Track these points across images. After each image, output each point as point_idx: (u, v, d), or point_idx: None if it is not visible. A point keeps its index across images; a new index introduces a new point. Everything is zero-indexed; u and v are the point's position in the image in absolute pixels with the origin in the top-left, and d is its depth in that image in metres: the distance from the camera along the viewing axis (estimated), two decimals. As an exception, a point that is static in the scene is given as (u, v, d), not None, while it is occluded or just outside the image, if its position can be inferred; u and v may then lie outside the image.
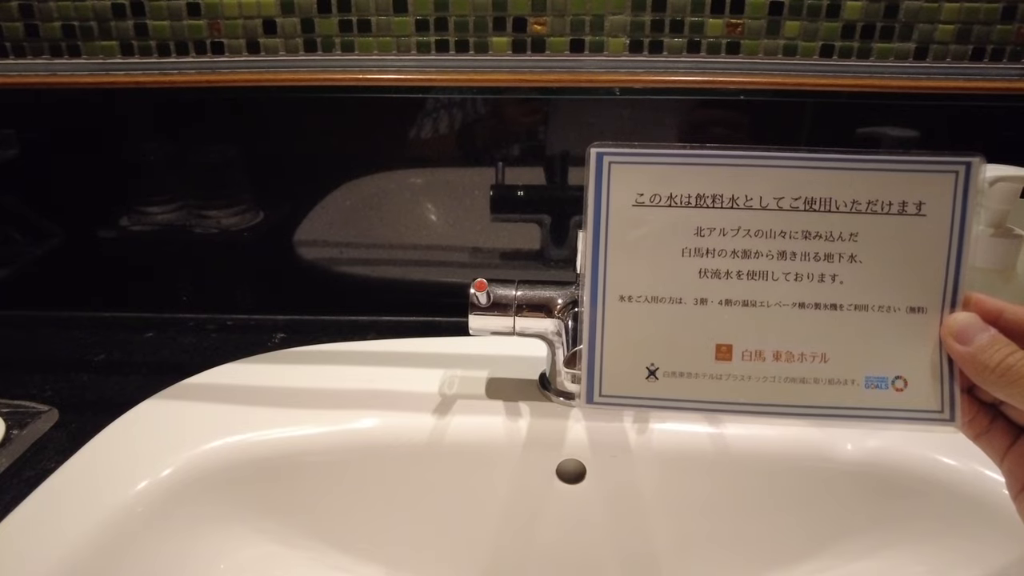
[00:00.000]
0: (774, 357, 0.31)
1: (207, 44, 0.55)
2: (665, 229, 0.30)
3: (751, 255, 0.30)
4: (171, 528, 0.39)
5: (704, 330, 0.31)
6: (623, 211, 0.30)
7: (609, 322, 0.31)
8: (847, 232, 0.30)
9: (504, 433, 0.43)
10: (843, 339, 0.30)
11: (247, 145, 0.58)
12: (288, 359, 0.51)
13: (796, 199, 0.30)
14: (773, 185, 0.30)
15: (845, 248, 0.30)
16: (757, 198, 0.30)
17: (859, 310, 0.30)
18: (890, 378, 0.30)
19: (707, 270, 0.30)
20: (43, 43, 0.55)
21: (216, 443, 0.42)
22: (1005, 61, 0.54)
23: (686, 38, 0.54)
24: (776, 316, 0.30)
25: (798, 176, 0.30)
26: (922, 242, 0.30)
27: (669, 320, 0.31)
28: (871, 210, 0.30)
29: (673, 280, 0.31)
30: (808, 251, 0.30)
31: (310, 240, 0.61)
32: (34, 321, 0.61)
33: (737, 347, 0.31)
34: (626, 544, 0.44)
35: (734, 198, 0.30)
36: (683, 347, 0.31)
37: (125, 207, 0.60)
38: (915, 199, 0.29)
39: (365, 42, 0.55)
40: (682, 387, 0.31)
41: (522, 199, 0.58)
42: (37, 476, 0.40)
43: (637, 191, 0.30)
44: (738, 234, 0.30)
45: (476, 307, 0.42)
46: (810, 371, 0.30)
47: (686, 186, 0.30)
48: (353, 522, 0.44)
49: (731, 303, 0.30)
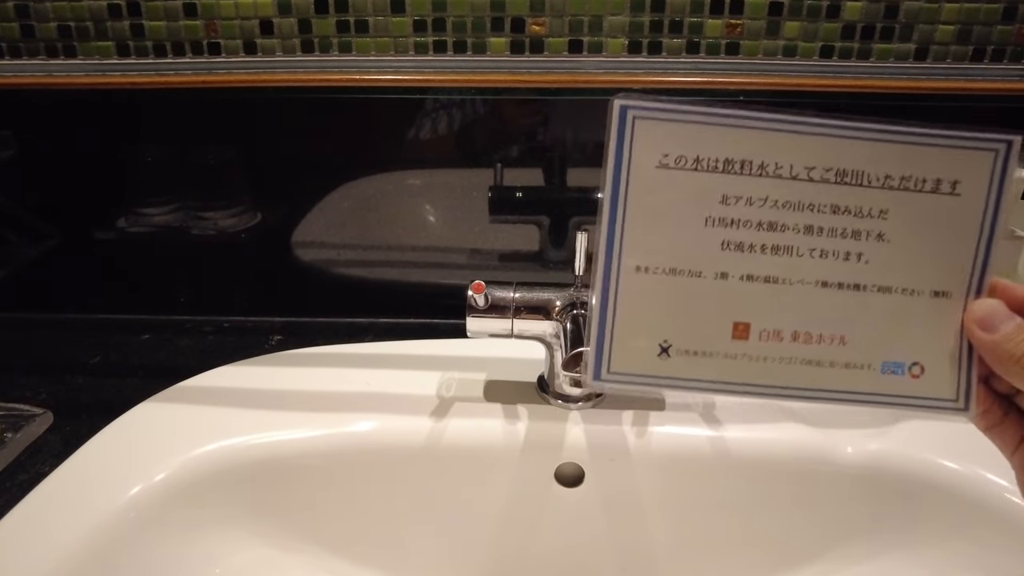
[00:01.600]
0: (792, 338, 0.29)
1: (204, 45, 0.55)
2: (689, 195, 0.28)
3: (777, 228, 0.29)
4: (166, 532, 0.39)
5: (722, 307, 0.29)
6: (645, 172, 0.28)
7: (623, 294, 0.29)
8: (877, 209, 0.28)
9: (502, 436, 0.43)
10: (863, 322, 0.29)
11: (244, 146, 0.58)
12: (285, 361, 0.51)
13: (828, 170, 0.28)
14: (806, 153, 0.28)
15: (874, 226, 0.28)
16: (788, 166, 0.28)
17: (882, 292, 0.29)
18: (907, 364, 0.29)
19: (730, 242, 0.28)
20: (39, 44, 0.55)
21: (212, 446, 0.41)
22: (1005, 62, 0.54)
23: (685, 39, 0.54)
24: (798, 295, 0.29)
25: (832, 146, 0.28)
26: (953, 223, 0.28)
27: (686, 295, 0.29)
28: (903, 186, 0.28)
29: (694, 251, 0.29)
30: (836, 227, 0.29)
31: (308, 242, 0.60)
32: (29, 323, 0.61)
33: (755, 326, 0.29)
34: (625, 548, 0.44)
35: (764, 165, 0.28)
36: (699, 324, 0.29)
37: (122, 209, 0.60)
38: (950, 177, 0.28)
39: (363, 43, 0.54)
40: (696, 366, 0.29)
41: (521, 200, 0.58)
42: (31, 480, 0.40)
43: (662, 151, 0.28)
44: (765, 204, 0.28)
45: (474, 309, 0.42)
46: (827, 354, 0.29)
47: (715, 149, 0.28)
48: (350, 526, 0.43)
49: (753, 279, 0.29)
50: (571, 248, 0.58)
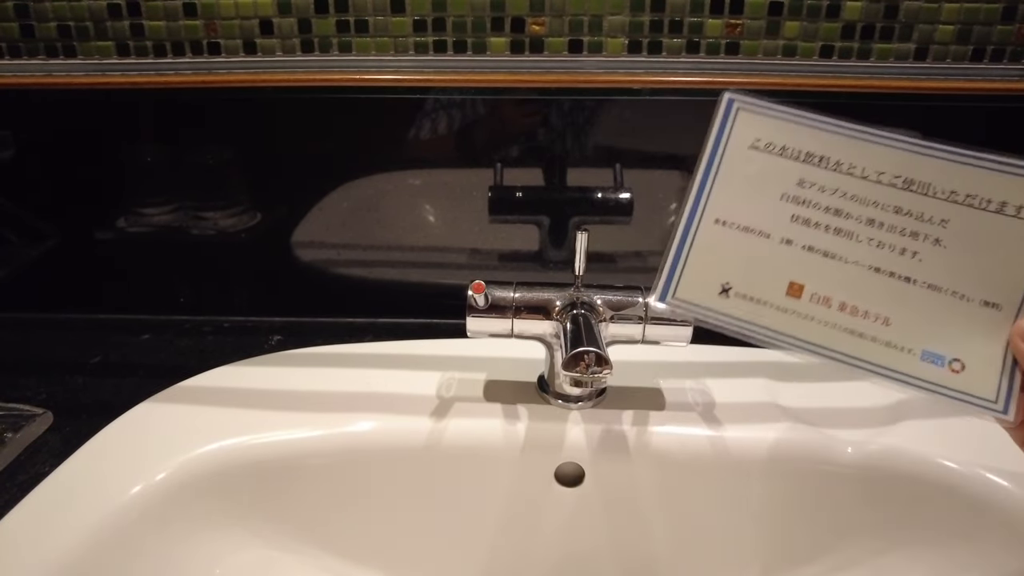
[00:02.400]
0: (840, 307, 0.32)
1: (203, 45, 0.55)
2: (772, 172, 0.33)
3: (842, 215, 0.32)
4: (166, 533, 0.39)
5: (782, 266, 0.33)
6: (739, 149, 0.33)
7: (699, 238, 0.33)
8: (938, 217, 0.31)
9: (502, 436, 0.43)
10: (909, 310, 0.32)
11: (244, 146, 0.58)
12: (285, 361, 0.51)
13: (897, 177, 0.32)
14: (879, 160, 0.32)
15: (932, 231, 0.32)
16: (861, 168, 0.32)
17: (931, 289, 0.32)
18: (947, 358, 0.31)
19: (799, 216, 0.33)
20: (39, 43, 0.55)
21: (212, 446, 0.41)
22: (1005, 62, 0.54)
23: (685, 38, 0.54)
24: (851, 272, 0.32)
25: (904, 158, 0.32)
26: (1013, 243, 0.31)
27: (753, 250, 0.33)
28: (967, 203, 0.31)
29: (766, 217, 0.33)
30: (896, 224, 0.32)
31: (307, 242, 0.60)
32: (29, 323, 0.61)
33: (808, 288, 0.32)
34: (625, 547, 0.44)
35: (839, 163, 0.32)
36: (759, 276, 0.33)
37: (121, 209, 0.60)
38: (1017, 202, 0.31)
39: (362, 42, 0.54)
40: (749, 309, 0.33)
41: (521, 200, 0.58)
42: (31, 480, 0.40)
43: (756, 136, 0.33)
44: (835, 194, 0.32)
45: (474, 309, 0.42)
46: (870, 329, 0.32)
47: (800, 143, 0.33)
48: (350, 526, 0.43)
49: (813, 250, 0.32)
50: (571, 248, 0.58)
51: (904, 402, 0.45)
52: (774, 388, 0.47)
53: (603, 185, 0.57)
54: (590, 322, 0.40)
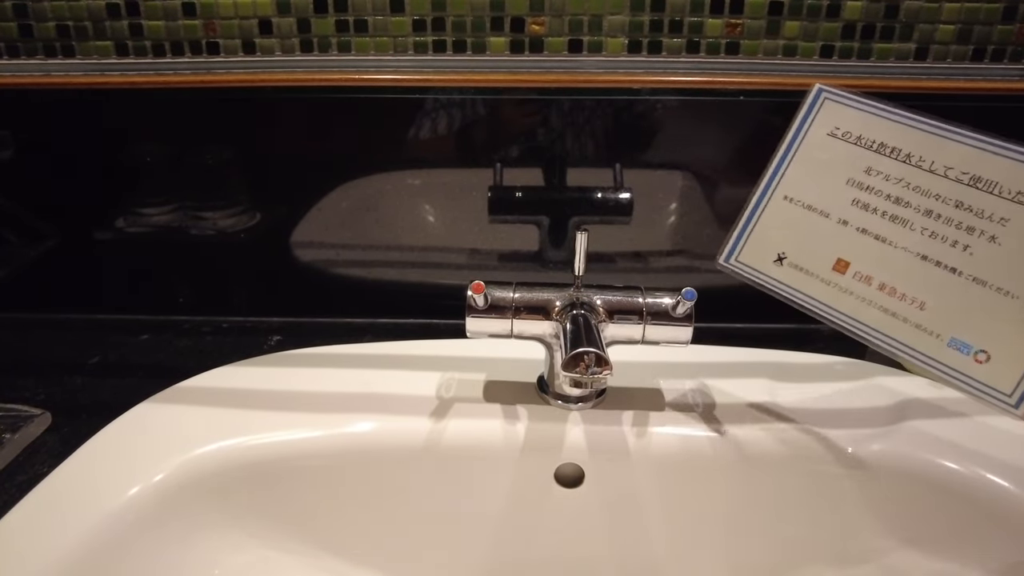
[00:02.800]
0: (879, 287, 0.35)
1: (202, 44, 0.55)
2: (842, 158, 0.36)
3: (901, 203, 0.35)
4: (164, 534, 0.39)
5: (834, 243, 0.36)
6: (817, 136, 0.37)
7: (768, 211, 0.38)
8: (998, 215, 0.33)
9: (502, 437, 0.43)
10: (947, 299, 0.34)
11: (244, 146, 0.57)
12: (284, 362, 0.51)
13: (964, 173, 0.33)
14: (949, 156, 0.34)
15: (990, 227, 0.33)
16: (929, 162, 0.34)
17: (976, 283, 0.33)
18: (974, 348, 0.33)
19: (860, 201, 0.36)
20: (37, 43, 0.55)
21: (210, 447, 0.41)
22: (1006, 61, 0.54)
23: (685, 38, 0.54)
24: (897, 256, 0.35)
25: (976, 155, 0.33)
26: None
27: (811, 226, 0.37)
28: None
29: (829, 198, 0.36)
30: (953, 218, 0.34)
31: (307, 242, 0.60)
32: (28, 323, 0.61)
33: (854, 266, 0.36)
34: (625, 548, 0.44)
35: (909, 155, 0.35)
36: (811, 249, 0.37)
37: (120, 209, 0.60)
38: None
39: (362, 42, 0.54)
40: (798, 279, 0.37)
41: (520, 200, 0.58)
42: (29, 481, 0.39)
43: (835, 124, 0.37)
44: (899, 183, 0.35)
45: (473, 309, 0.42)
46: (904, 310, 0.35)
47: (875, 133, 0.36)
48: (349, 527, 0.43)
49: (866, 232, 0.35)
50: (571, 248, 0.58)
51: (905, 402, 0.45)
52: (774, 388, 0.47)
53: (603, 185, 0.57)
54: (590, 322, 0.40)
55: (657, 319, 0.41)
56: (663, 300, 0.42)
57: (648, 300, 0.42)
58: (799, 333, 0.60)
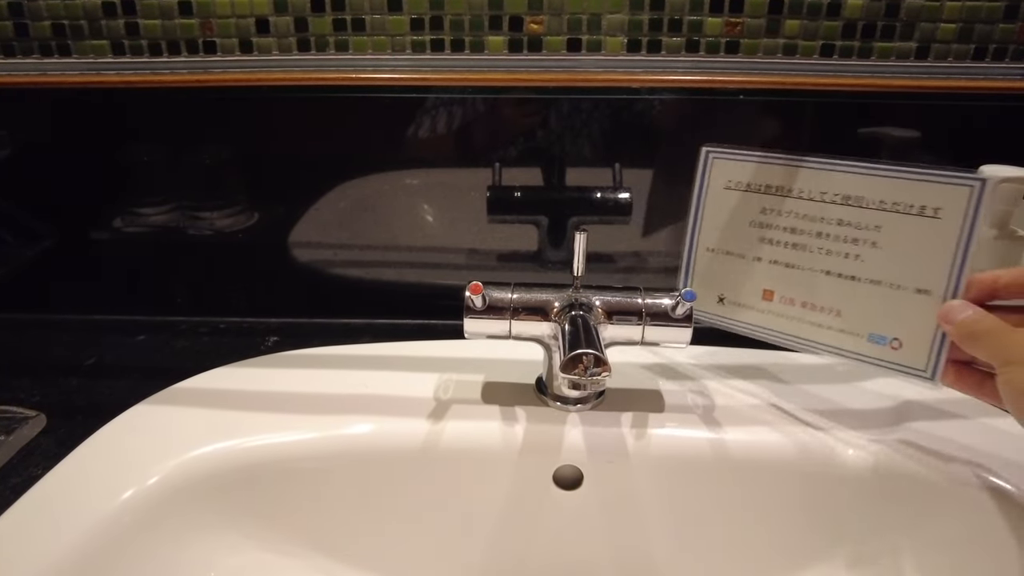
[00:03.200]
0: (802, 305, 0.41)
1: (199, 43, 0.54)
2: (741, 206, 0.42)
3: (797, 232, 0.41)
4: (160, 536, 0.38)
5: (756, 278, 0.42)
6: (716, 191, 0.43)
7: (698, 263, 0.44)
8: (873, 224, 0.38)
9: (500, 438, 0.42)
10: (856, 302, 0.39)
11: (241, 146, 0.57)
12: (282, 363, 0.51)
13: (836, 195, 0.39)
14: (821, 183, 0.40)
15: (869, 236, 0.39)
16: (808, 191, 0.40)
17: (873, 283, 0.39)
18: (889, 338, 0.39)
19: (764, 237, 0.42)
20: (33, 42, 0.55)
21: (207, 449, 0.41)
22: (1007, 60, 0.53)
23: (684, 37, 0.53)
24: (807, 277, 0.41)
25: (840, 178, 0.39)
26: (935, 239, 0.37)
27: (734, 267, 0.43)
28: (894, 209, 0.38)
29: (741, 241, 0.42)
30: (839, 234, 0.39)
31: (305, 242, 0.60)
32: (24, 324, 0.61)
33: (777, 293, 0.42)
34: (624, 550, 0.43)
35: (790, 190, 0.40)
36: (742, 286, 0.43)
37: (118, 209, 0.60)
38: (933, 205, 0.37)
39: (359, 41, 0.54)
40: (739, 313, 0.43)
41: (519, 200, 0.57)
42: (23, 483, 0.39)
43: (727, 178, 0.42)
44: (790, 216, 0.41)
45: (471, 310, 0.41)
46: (826, 320, 0.40)
47: (760, 178, 0.41)
48: (346, 529, 0.43)
49: (777, 263, 0.41)
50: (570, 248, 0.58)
51: (905, 403, 0.45)
52: (774, 390, 0.47)
53: (602, 185, 0.57)
54: (588, 323, 0.39)
55: (656, 320, 0.41)
56: (662, 301, 0.41)
57: (647, 301, 0.41)
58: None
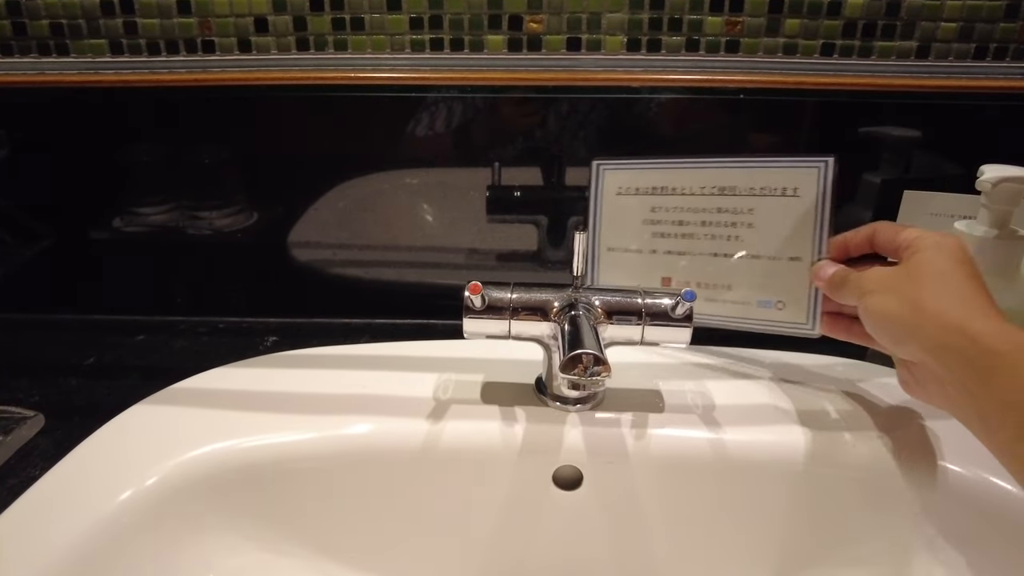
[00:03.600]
0: (697, 285, 0.47)
1: (198, 43, 0.54)
2: (634, 208, 0.47)
3: (684, 223, 0.47)
4: (158, 537, 0.38)
5: (656, 268, 0.47)
6: (610, 197, 0.48)
7: (603, 263, 0.49)
8: (746, 208, 0.45)
9: (500, 438, 0.42)
10: (742, 276, 0.45)
11: (240, 145, 0.57)
12: (280, 363, 0.51)
13: (713, 187, 0.45)
14: (699, 179, 0.46)
15: (745, 218, 0.45)
16: (689, 187, 0.46)
17: (754, 258, 0.45)
18: (774, 301, 0.45)
19: (657, 232, 0.47)
20: (31, 41, 0.54)
21: (205, 449, 0.41)
22: (1008, 60, 0.53)
23: (684, 36, 0.53)
24: (699, 261, 0.46)
25: (715, 173, 0.45)
26: (798, 214, 0.43)
27: (635, 262, 0.48)
28: (763, 193, 0.44)
29: (637, 239, 0.48)
30: (720, 220, 0.46)
31: (304, 242, 0.60)
32: (22, 324, 0.61)
33: (675, 279, 0.47)
34: (623, 551, 0.43)
35: (675, 188, 0.46)
36: (643, 278, 0.47)
37: (117, 208, 0.59)
38: (792, 186, 0.44)
39: (358, 40, 0.54)
40: None
41: (519, 200, 0.57)
42: (21, 484, 0.39)
43: (619, 185, 0.48)
44: (677, 210, 0.47)
45: (471, 310, 0.41)
46: (721, 294, 0.46)
47: (646, 181, 0.47)
48: (345, 529, 0.43)
49: (671, 253, 0.47)
50: (569, 248, 0.58)
51: (906, 403, 0.45)
52: (774, 390, 0.46)
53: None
54: (588, 323, 0.39)
55: (656, 320, 0.41)
56: (662, 301, 0.41)
57: (647, 301, 0.41)
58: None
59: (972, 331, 0.32)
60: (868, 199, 0.57)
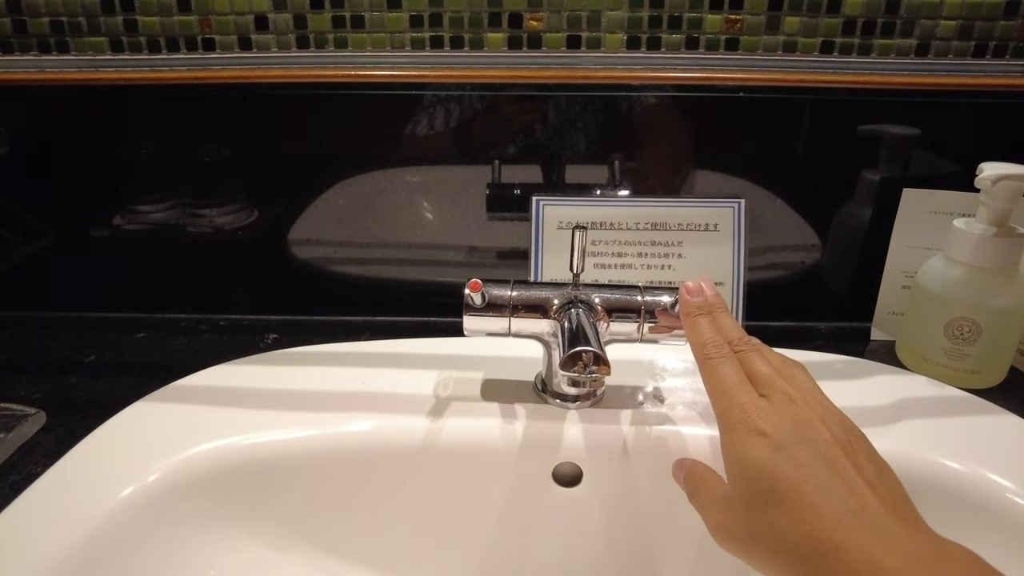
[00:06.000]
0: None
1: (198, 40, 0.54)
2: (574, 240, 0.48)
3: (622, 255, 0.53)
4: (160, 534, 0.38)
5: None
6: (551, 231, 0.53)
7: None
8: (676, 241, 0.53)
9: (500, 436, 0.42)
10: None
11: (240, 143, 0.57)
12: (281, 360, 0.51)
13: (647, 223, 0.53)
14: (634, 215, 0.53)
15: (675, 250, 0.53)
16: (626, 223, 0.53)
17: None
18: None
19: (598, 263, 0.53)
20: (31, 39, 0.54)
21: (206, 446, 0.41)
22: (1008, 57, 0.53)
23: (684, 34, 0.53)
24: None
25: (649, 211, 0.52)
26: (719, 246, 0.52)
27: None
28: (690, 228, 0.53)
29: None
30: (654, 252, 0.53)
31: (304, 239, 0.60)
32: (23, 321, 0.61)
33: None
34: (623, 548, 0.43)
35: (612, 223, 0.53)
36: None
37: (117, 206, 0.59)
38: (713, 222, 0.52)
39: (358, 38, 0.54)
40: None
41: (518, 198, 0.57)
42: (23, 481, 0.39)
43: (558, 220, 0.53)
44: (615, 243, 0.53)
45: (471, 308, 0.41)
46: None
47: (586, 216, 0.53)
48: (346, 526, 0.43)
49: (612, 282, 0.52)
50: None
51: (905, 401, 0.45)
52: (774, 387, 0.46)
53: (601, 182, 0.57)
54: (588, 321, 0.39)
55: (656, 317, 0.41)
56: (662, 298, 0.41)
57: (647, 298, 0.41)
58: (799, 331, 0.59)
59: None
60: (867, 197, 0.57)
